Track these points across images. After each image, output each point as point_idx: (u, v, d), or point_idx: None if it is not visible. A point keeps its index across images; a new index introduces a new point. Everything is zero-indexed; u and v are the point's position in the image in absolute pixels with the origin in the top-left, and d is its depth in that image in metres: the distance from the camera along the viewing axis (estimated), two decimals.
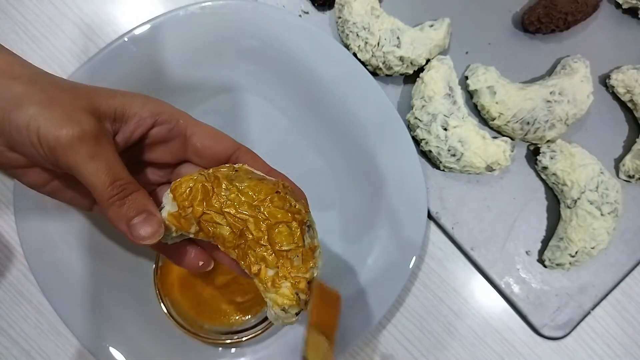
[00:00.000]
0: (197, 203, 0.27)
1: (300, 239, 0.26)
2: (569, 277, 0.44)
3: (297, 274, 0.26)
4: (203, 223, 0.27)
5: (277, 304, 0.26)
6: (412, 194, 0.42)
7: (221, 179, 0.27)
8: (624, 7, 0.46)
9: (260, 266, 0.26)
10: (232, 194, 0.26)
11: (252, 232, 0.26)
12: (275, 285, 0.26)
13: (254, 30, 0.41)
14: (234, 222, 0.26)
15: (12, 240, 0.42)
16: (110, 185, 0.26)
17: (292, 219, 0.26)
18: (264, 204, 0.26)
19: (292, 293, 0.26)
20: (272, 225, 0.26)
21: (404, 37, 0.42)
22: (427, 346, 0.44)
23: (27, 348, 0.42)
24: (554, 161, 0.42)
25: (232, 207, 0.26)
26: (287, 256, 0.26)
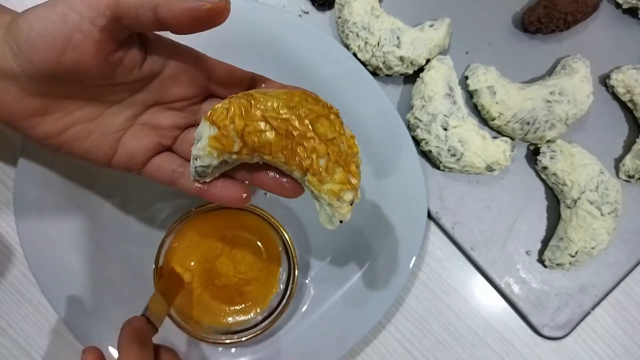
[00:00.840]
0: (237, 118, 0.27)
1: (341, 127, 0.28)
2: (569, 277, 0.44)
3: (346, 157, 0.27)
4: (246, 136, 0.27)
5: (334, 192, 0.27)
6: (412, 194, 0.42)
7: (254, 94, 0.28)
8: (624, 7, 0.46)
9: (312, 158, 0.27)
10: (269, 103, 0.27)
11: (298, 127, 0.27)
12: (329, 172, 0.27)
13: (253, 30, 0.41)
14: (278, 124, 0.27)
15: (12, 240, 0.42)
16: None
17: (329, 112, 0.28)
18: (301, 105, 0.27)
19: (345, 177, 0.27)
20: (314, 119, 0.27)
21: (404, 37, 0.42)
22: (427, 346, 0.44)
23: (27, 348, 0.42)
24: (554, 161, 0.42)
25: (273, 112, 0.27)
26: (334, 143, 0.27)
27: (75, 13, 0.25)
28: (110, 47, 0.27)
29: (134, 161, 0.31)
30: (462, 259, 0.45)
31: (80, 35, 0.25)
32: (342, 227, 0.43)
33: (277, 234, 0.39)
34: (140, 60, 0.28)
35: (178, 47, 0.30)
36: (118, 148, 0.31)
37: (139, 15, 0.26)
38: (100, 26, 0.25)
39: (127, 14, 0.25)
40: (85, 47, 0.26)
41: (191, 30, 0.26)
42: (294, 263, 0.39)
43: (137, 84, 0.30)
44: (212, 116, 0.28)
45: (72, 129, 0.29)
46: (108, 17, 0.25)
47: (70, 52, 0.26)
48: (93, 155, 0.31)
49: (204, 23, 0.26)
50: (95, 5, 0.25)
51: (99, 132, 0.30)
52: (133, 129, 0.31)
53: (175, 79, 0.30)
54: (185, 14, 0.25)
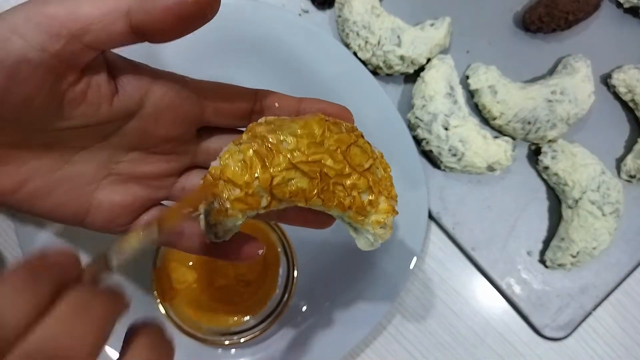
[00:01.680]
0: (260, 170, 0.23)
1: (372, 151, 0.25)
2: (570, 278, 0.44)
3: (386, 184, 0.26)
4: (276, 188, 0.23)
5: (379, 222, 0.25)
6: (412, 194, 0.41)
7: (266, 135, 0.23)
8: (625, 6, 0.46)
9: (353, 196, 0.24)
10: (291, 144, 0.23)
11: (333, 167, 0.24)
12: (374, 205, 0.25)
13: (253, 29, 0.41)
14: (310, 168, 0.23)
15: (10, 241, 0.42)
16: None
17: (355, 137, 0.25)
18: (325, 137, 0.24)
19: (389, 204, 0.26)
20: (345, 151, 0.24)
21: (405, 36, 0.42)
22: (427, 347, 0.44)
23: None
24: (555, 161, 0.42)
25: (300, 155, 0.23)
26: (371, 172, 0.25)
27: (19, 37, 0.19)
28: (69, 77, 0.21)
29: (115, 223, 0.26)
30: (462, 260, 0.45)
31: (28, 66, 0.19)
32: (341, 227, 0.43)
33: (276, 235, 0.39)
34: (109, 94, 0.22)
35: (159, 75, 0.24)
36: (91, 207, 0.25)
37: (106, 28, 0.20)
38: (55, 52, 0.19)
39: (91, 29, 0.20)
40: (35, 81, 0.20)
41: (176, 34, 0.21)
42: (293, 264, 0.39)
43: (107, 125, 0.23)
44: (226, 173, 0.23)
45: (30, 184, 0.23)
46: (64, 38, 0.19)
47: (15, 89, 0.20)
48: (60, 214, 0.25)
49: (192, 21, 0.21)
50: (46, 24, 0.19)
51: (65, 187, 0.24)
52: (109, 181, 0.25)
53: (159, 117, 0.24)
54: (168, 15, 0.20)
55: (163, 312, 0.37)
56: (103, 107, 0.22)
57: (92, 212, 0.25)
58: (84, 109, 0.22)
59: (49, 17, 0.19)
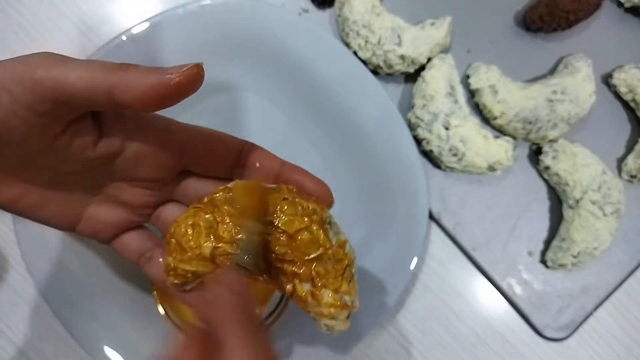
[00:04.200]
0: (204, 239, 0.24)
1: (325, 240, 0.24)
2: (571, 278, 0.44)
3: (335, 277, 0.24)
4: (218, 259, 0.24)
5: (324, 315, 0.24)
6: (413, 194, 0.41)
7: (220, 205, 0.24)
8: (626, 5, 0.46)
9: (294, 283, 0.24)
10: (234, 217, 0.24)
11: (275, 250, 0.23)
12: (316, 297, 0.24)
13: (253, 28, 0.41)
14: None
15: (9, 241, 0.42)
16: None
17: (310, 222, 0.24)
18: (276, 215, 0.23)
19: (335, 299, 0.24)
20: (291, 236, 0.23)
21: (405, 36, 0.42)
22: (428, 347, 0.44)
23: (25, 349, 0.42)
24: (556, 161, 0.42)
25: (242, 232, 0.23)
26: (319, 263, 0.23)
27: (8, 95, 0.21)
28: (54, 130, 0.23)
29: (100, 235, 0.28)
30: (463, 260, 0.45)
31: (16, 119, 0.21)
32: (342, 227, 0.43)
33: None
34: (92, 140, 0.24)
35: (142, 122, 0.25)
36: (83, 218, 0.28)
37: (89, 99, 0.21)
38: (41, 112, 0.21)
39: (75, 97, 0.21)
40: (23, 132, 0.22)
41: (157, 108, 0.22)
42: None
43: (92, 163, 0.25)
44: (176, 235, 0.24)
45: (28, 198, 0.26)
46: (50, 102, 0.21)
47: (6, 136, 0.22)
48: (54, 223, 0.27)
49: (173, 98, 0.22)
50: (33, 89, 0.21)
51: (58, 202, 0.26)
52: (98, 199, 0.28)
53: (138, 162, 0.26)
54: (149, 94, 0.21)
55: (163, 312, 0.37)
56: (87, 151, 0.24)
57: (83, 223, 0.28)
58: (69, 152, 0.24)
59: (36, 81, 0.21)
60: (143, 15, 0.40)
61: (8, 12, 0.43)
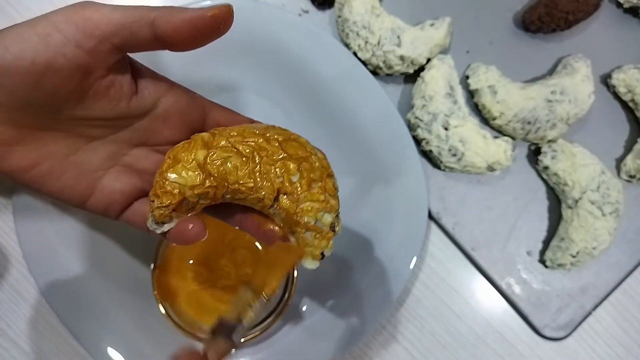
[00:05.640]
0: (199, 150, 0.25)
1: (312, 149, 0.27)
2: (570, 278, 0.44)
3: (321, 174, 0.26)
4: (209, 165, 0.25)
5: (310, 212, 0.25)
6: (412, 194, 0.41)
7: (214, 130, 0.27)
8: (625, 6, 0.46)
9: (283, 177, 0.25)
10: (233, 130, 0.26)
11: (267, 148, 0.25)
12: (303, 187, 0.26)
13: (253, 29, 0.41)
14: (244, 147, 0.25)
15: (10, 241, 0.42)
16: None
17: (298, 137, 0.27)
18: (267, 130, 0.26)
19: (322, 194, 0.26)
20: (281, 142, 0.26)
21: (405, 36, 0.42)
22: (427, 347, 0.44)
23: (26, 348, 0.42)
24: (555, 161, 0.42)
25: (239, 137, 0.26)
26: (307, 160, 0.26)
27: (59, 33, 0.22)
28: (97, 73, 0.24)
29: (112, 207, 0.28)
30: (462, 260, 0.45)
31: (63, 59, 0.22)
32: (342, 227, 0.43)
33: None
34: (129, 93, 0.25)
35: (174, 85, 0.27)
36: (95, 190, 0.28)
37: (133, 33, 0.23)
38: (88, 49, 0.22)
39: (120, 32, 0.22)
40: (67, 73, 0.22)
41: (194, 44, 0.24)
42: None
43: (122, 121, 0.26)
44: (173, 151, 0.26)
45: (45, 164, 0.26)
46: (97, 38, 0.22)
47: (49, 78, 0.22)
48: (66, 195, 0.27)
49: (209, 34, 0.24)
50: (83, 24, 0.22)
51: (75, 171, 0.27)
52: (114, 170, 0.28)
53: (167, 120, 0.27)
54: (188, 26, 0.23)
55: (163, 312, 0.37)
56: (122, 103, 0.25)
57: (95, 196, 0.28)
58: (104, 103, 0.25)
59: (86, 18, 0.22)
60: None
61: (8, 12, 0.43)
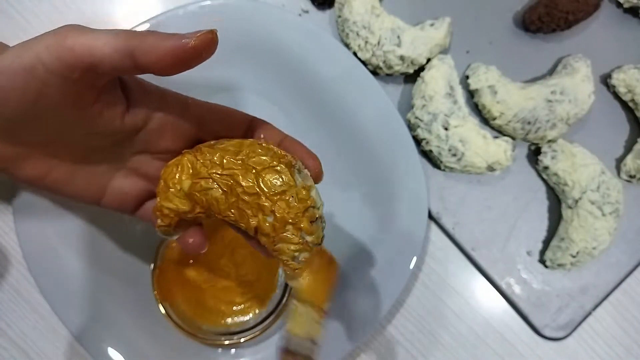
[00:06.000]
0: (185, 176, 0.26)
1: (290, 179, 0.25)
2: (570, 278, 0.44)
3: (296, 213, 0.25)
4: (194, 195, 0.26)
5: (285, 253, 0.25)
6: (412, 194, 0.42)
7: (203, 148, 0.27)
8: (625, 6, 0.46)
9: (258, 216, 0.25)
10: (214, 156, 0.26)
11: (242, 183, 0.25)
12: (278, 231, 0.25)
13: (253, 29, 0.41)
14: (221, 180, 0.25)
15: (10, 241, 0.42)
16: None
17: (278, 162, 0.26)
18: (248, 156, 0.26)
19: (296, 234, 0.25)
20: (259, 172, 0.25)
21: (405, 36, 0.42)
22: (427, 347, 0.44)
23: (26, 348, 0.42)
24: (555, 161, 0.42)
25: (218, 167, 0.26)
26: (282, 198, 0.25)
27: (43, 67, 0.22)
28: (87, 98, 0.24)
29: (124, 206, 0.31)
30: (462, 260, 0.45)
31: (52, 89, 0.23)
32: (342, 227, 0.43)
33: None
34: (121, 111, 0.26)
35: (165, 97, 0.28)
36: (107, 192, 0.30)
37: (114, 63, 0.23)
38: (74, 80, 0.23)
39: (103, 63, 0.23)
40: (58, 100, 0.24)
41: (175, 71, 0.24)
42: None
43: (119, 135, 0.28)
44: (164, 175, 0.27)
45: (55, 173, 0.28)
46: (81, 69, 0.23)
47: (42, 105, 0.23)
48: (81, 197, 0.29)
49: (189, 62, 0.23)
50: (65, 57, 0.22)
51: (85, 176, 0.29)
52: (122, 173, 0.30)
53: (161, 132, 0.28)
54: (168, 57, 0.23)
55: (163, 312, 0.38)
56: (116, 121, 0.26)
57: (107, 196, 0.30)
58: (99, 122, 0.26)
59: (67, 49, 0.22)
60: (143, 16, 0.41)
61: (8, 12, 0.43)
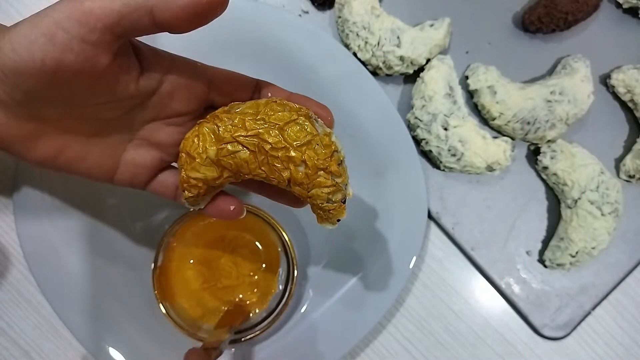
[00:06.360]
0: (209, 144, 0.27)
1: (312, 129, 0.26)
2: (570, 277, 0.44)
3: (324, 158, 0.26)
4: (222, 160, 0.27)
5: (320, 197, 0.27)
6: (412, 194, 0.42)
7: (220, 114, 0.28)
8: (625, 6, 0.46)
9: (290, 168, 0.26)
10: (235, 119, 0.27)
11: (268, 140, 0.26)
12: (311, 178, 0.26)
13: (253, 29, 0.41)
14: (248, 141, 0.26)
15: (11, 241, 0.42)
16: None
17: (297, 115, 0.27)
18: (266, 115, 0.27)
19: (327, 178, 0.27)
20: (282, 127, 0.26)
21: (404, 37, 0.42)
22: (427, 346, 0.44)
23: (27, 348, 0.42)
24: (555, 161, 0.42)
25: (240, 130, 0.26)
26: (309, 147, 0.26)
27: (63, 31, 0.23)
28: (104, 61, 0.25)
29: (137, 179, 0.31)
30: (462, 259, 0.45)
31: (72, 55, 0.23)
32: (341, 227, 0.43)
33: (276, 235, 0.39)
34: (136, 75, 0.27)
35: (175, 60, 0.29)
36: (120, 165, 0.30)
37: (133, 22, 0.24)
38: (93, 42, 0.23)
39: (121, 22, 0.23)
40: (77, 67, 0.24)
41: (192, 27, 0.25)
42: (293, 263, 0.39)
43: (133, 101, 0.28)
44: (185, 147, 0.27)
45: (68, 151, 0.28)
46: (99, 31, 0.23)
47: (61, 74, 0.24)
48: (95, 174, 0.30)
49: (205, 16, 0.24)
50: (85, 20, 0.23)
51: (97, 151, 0.29)
52: (133, 144, 0.30)
53: (174, 94, 0.29)
54: (185, 12, 0.24)
55: (163, 312, 0.38)
56: (131, 86, 0.27)
57: (120, 171, 0.30)
58: (115, 88, 0.26)
59: (86, 13, 0.23)
60: None
61: (8, 12, 0.44)
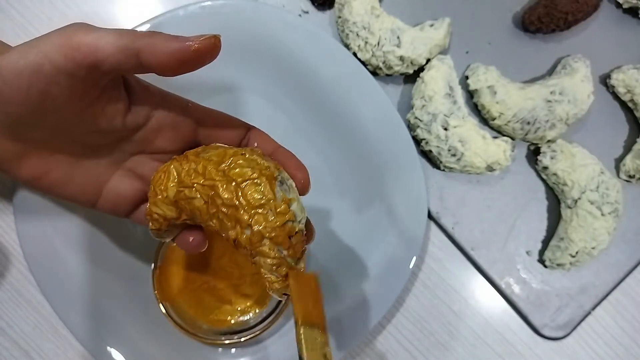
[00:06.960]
0: (171, 184, 0.27)
1: (270, 192, 0.25)
2: (570, 277, 0.44)
3: (272, 227, 0.25)
4: (179, 203, 0.27)
5: (262, 266, 0.25)
6: (412, 194, 0.42)
7: (189, 155, 0.27)
8: (625, 6, 0.46)
9: (237, 229, 0.25)
10: (198, 165, 0.26)
11: (221, 195, 0.25)
12: (255, 245, 0.25)
13: (253, 29, 0.41)
14: (203, 190, 0.26)
15: (11, 241, 0.42)
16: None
17: (259, 175, 0.25)
18: (230, 167, 0.26)
19: (271, 249, 0.25)
20: (239, 184, 0.25)
21: (404, 37, 0.42)
22: (427, 346, 0.44)
23: (27, 348, 0.42)
24: (555, 161, 0.42)
25: (200, 177, 0.26)
26: (260, 212, 0.25)
27: (50, 64, 0.23)
28: (92, 95, 0.25)
29: (120, 208, 0.31)
30: (462, 259, 0.45)
31: (58, 88, 0.23)
32: (341, 227, 0.43)
33: None
34: (123, 110, 0.27)
35: (166, 97, 0.29)
36: (102, 194, 0.30)
37: (120, 62, 0.24)
38: (80, 77, 0.23)
39: (108, 60, 0.23)
40: (63, 99, 0.24)
41: (179, 72, 0.25)
42: None
43: (118, 134, 0.28)
44: (153, 181, 0.27)
45: (53, 173, 0.28)
46: (87, 68, 0.23)
47: (47, 104, 0.24)
48: (78, 199, 0.30)
49: (193, 64, 0.24)
50: (72, 56, 0.23)
51: (82, 177, 0.29)
52: (118, 174, 0.30)
53: (159, 133, 0.29)
54: (172, 58, 0.24)
55: (163, 312, 0.38)
56: (117, 119, 0.27)
57: (102, 199, 0.30)
58: (101, 120, 0.26)
59: (74, 48, 0.23)
60: (144, 17, 0.41)
61: (9, 12, 0.44)
